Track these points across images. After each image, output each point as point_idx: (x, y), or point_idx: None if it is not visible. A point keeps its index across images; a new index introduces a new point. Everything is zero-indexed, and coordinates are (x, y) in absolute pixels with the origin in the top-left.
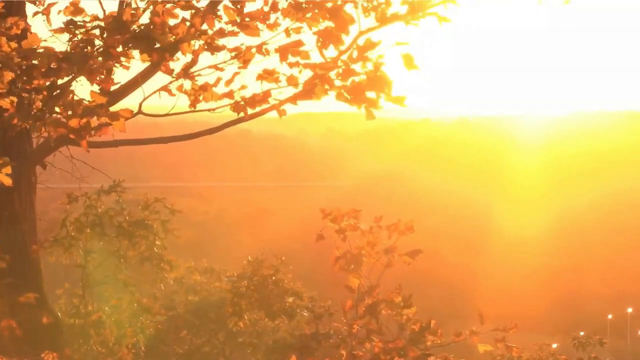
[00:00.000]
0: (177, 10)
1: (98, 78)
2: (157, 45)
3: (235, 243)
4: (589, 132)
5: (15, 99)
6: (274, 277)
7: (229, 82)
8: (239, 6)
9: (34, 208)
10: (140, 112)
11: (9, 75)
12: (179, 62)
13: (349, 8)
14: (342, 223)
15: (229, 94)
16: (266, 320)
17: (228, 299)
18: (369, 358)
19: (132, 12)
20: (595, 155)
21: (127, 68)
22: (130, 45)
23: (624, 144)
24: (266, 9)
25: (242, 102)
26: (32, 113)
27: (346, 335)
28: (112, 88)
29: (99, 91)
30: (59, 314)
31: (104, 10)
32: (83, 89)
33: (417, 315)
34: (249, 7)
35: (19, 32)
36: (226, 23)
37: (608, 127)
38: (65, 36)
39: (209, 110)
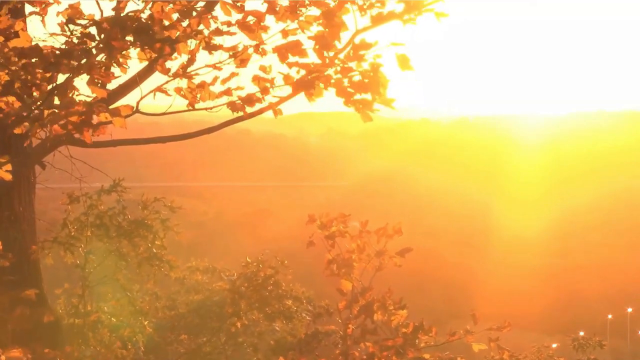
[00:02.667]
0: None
1: (97, 74)
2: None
3: (235, 243)
4: (588, 132)
5: (13, 98)
6: (273, 279)
7: (225, 81)
8: (239, 4)
9: (33, 208)
10: (137, 111)
11: (5, 76)
12: (175, 62)
13: (346, 8)
14: (332, 228)
15: (227, 92)
16: (265, 323)
17: (228, 299)
18: (364, 357)
19: (131, 13)
20: (595, 155)
21: (125, 70)
22: (131, 39)
23: (623, 144)
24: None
25: (240, 102)
26: (31, 113)
27: (342, 335)
28: (111, 86)
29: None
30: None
31: (101, 11)
32: (83, 87)
33: (416, 314)
34: (248, 6)
35: (17, 30)
36: (222, 23)
37: (608, 127)
38: (62, 37)
39: (206, 109)
